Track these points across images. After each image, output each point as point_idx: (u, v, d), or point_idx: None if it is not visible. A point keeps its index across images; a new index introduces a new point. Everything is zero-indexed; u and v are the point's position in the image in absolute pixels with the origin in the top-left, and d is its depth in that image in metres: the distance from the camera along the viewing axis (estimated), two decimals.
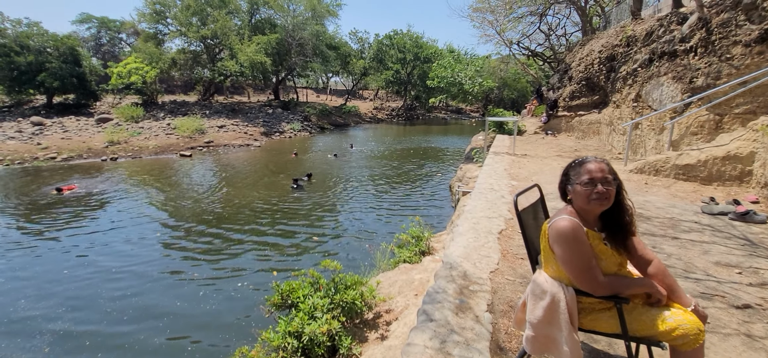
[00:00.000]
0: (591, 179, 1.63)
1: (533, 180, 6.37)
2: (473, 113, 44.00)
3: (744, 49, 6.31)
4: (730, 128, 6.31)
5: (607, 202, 1.64)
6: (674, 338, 1.54)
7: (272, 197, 10.40)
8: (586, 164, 1.68)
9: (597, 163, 1.67)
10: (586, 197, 1.64)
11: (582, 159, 1.72)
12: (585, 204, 1.66)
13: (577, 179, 1.68)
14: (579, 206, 1.70)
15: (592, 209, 1.67)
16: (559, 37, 22.02)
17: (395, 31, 41.15)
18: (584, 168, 1.67)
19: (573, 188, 1.71)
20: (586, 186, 1.64)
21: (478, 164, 9.91)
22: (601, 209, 1.67)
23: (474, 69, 24.62)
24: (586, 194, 1.64)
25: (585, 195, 1.64)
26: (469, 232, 3.73)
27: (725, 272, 3.04)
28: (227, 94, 36.96)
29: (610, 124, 10.57)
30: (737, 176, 5.60)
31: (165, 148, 17.98)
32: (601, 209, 1.67)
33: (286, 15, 30.47)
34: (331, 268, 3.72)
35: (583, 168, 1.68)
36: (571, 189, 1.73)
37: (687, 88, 7.20)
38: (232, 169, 14.43)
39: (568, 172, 1.77)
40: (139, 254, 6.84)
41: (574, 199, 1.71)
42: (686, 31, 7.71)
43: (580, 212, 1.69)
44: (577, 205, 1.70)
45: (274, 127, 24.76)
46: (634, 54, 9.88)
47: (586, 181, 1.64)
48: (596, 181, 1.63)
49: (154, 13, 27.40)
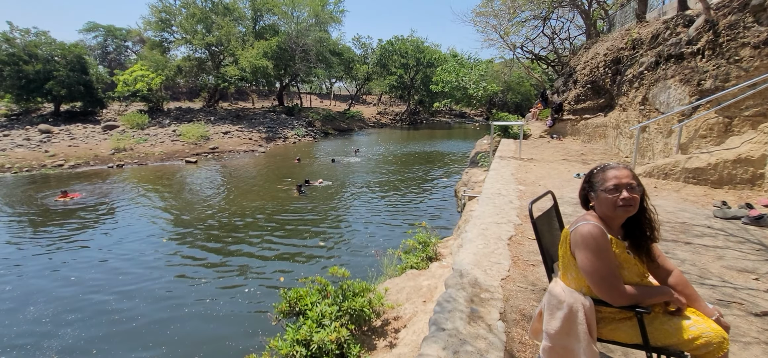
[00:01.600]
0: (616, 186, 1.59)
1: (541, 185, 6.31)
2: (477, 117, 43.92)
3: (753, 51, 6.25)
4: (741, 131, 6.23)
5: (632, 209, 1.60)
6: (697, 347, 1.50)
7: (277, 203, 10.40)
8: (610, 170, 1.64)
9: (621, 169, 1.63)
10: (613, 204, 1.60)
11: (605, 165, 1.69)
12: (611, 211, 1.62)
13: (602, 186, 1.64)
14: (603, 213, 1.66)
15: (618, 216, 1.63)
16: (563, 41, 21.97)
17: (398, 37, 41.27)
18: (609, 175, 1.63)
19: (597, 194, 1.66)
20: (612, 193, 1.60)
21: (484, 169, 9.86)
22: (626, 216, 1.63)
23: (478, 73, 24.60)
24: (613, 201, 1.60)
25: (611, 202, 1.60)
26: (479, 238, 3.70)
27: (741, 278, 2.98)
28: (232, 101, 37.20)
29: (617, 128, 10.49)
30: (749, 180, 5.52)
31: (170, 154, 18.08)
32: (626, 216, 1.63)
33: (290, 21, 30.66)
34: (339, 275, 3.70)
35: (607, 174, 1.64)
36: (594, 196, 1.68)
37: (695, 91, 7.13)
38: (237, 175, 14.47)
39: (590, 179, 1.72)
40: (145, 261, 6.85)
41: (598, 206, 1.67)
42: (693, 34, 7.65)
43: (604, 219, 1.65)
44: (601, 212, 1.66)
45: (278, 133, 24.85)
46: (640, 57, 9.82)
47: (611, 187, 1.60)
48: (621, 187, 1.58)
49: (160, 22, 27.70)
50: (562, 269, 1.77)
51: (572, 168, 7.82)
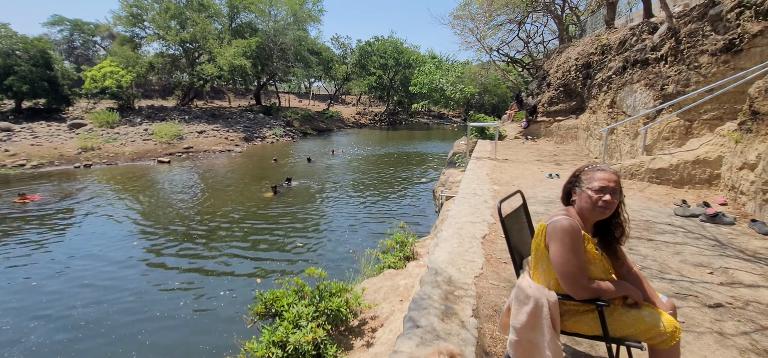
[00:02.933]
0: (602, 187, 1.68)
1: (515, 185, 6.49)
2: (455, 118, 44.54)
3: (711, 58, 6.62)
4: (700, 134, 6.59)
5: (609, 212, 1.70)
6: (652, 337, 1.60)
7: (254, 204, 10.24)
8: (600, 171, 1.72)
9: (610, 173, 1.71)
10: (594, 203, 1.69)
11: (596, 166, 1.77)
12: (590, 208, 1.70)
13: (589, 184, 1.72)
14: (581, 209, 1.74)
15: (594, 215, 1.72)
16: (537, 45, 22.59)
17: (377, 38, 41.36)
18: (598, 175, 1.71)
19: (581, 190, 1.74)
20: (596, 192, 1.68)
21: (461, 169, 10.02)
22: (601, 217, 1.73)
23: (455, 75, 24.97)
24: (595, 200, 1.68)
25: (593, 201, 1.69)
26: (454, 237, 3.77)
27: (698, 272, 3.16)
28: (207, 99, 36.29)
29: (587, 130, 10.88)
30: (706, 179, 5.85)
31: (142, 154, 17.49)
32: (601, 217, 1.73)
33: (268, 19, 30.20)
34: (316, 275, 3.69)
35: (596, 174, 1.72)
36: (578, 192, 1.76)
37: (659, 95, 7.49)
38: (213, 175, 14.15)
39: (579, 175, 1.80)
40: (113, 265, 6.61)
41: (579, 201, 1.75)
42: (657, 41, 8.04)
43: (581, 216, 1.74)
44: (580, 208, 1.74)
45: (255, 133, 24.43)
46: (609, 62, 10.22)
47: (597, 187, 1.68)
48: (606, 189, 1.67)
49: (131, 17, 26.72)
50: (533, 263, 1.84)
51: (545, 169, 8.06)
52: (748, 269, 3.18)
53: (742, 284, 2.95)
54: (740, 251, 3.53)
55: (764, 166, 4.48)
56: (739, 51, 6.24)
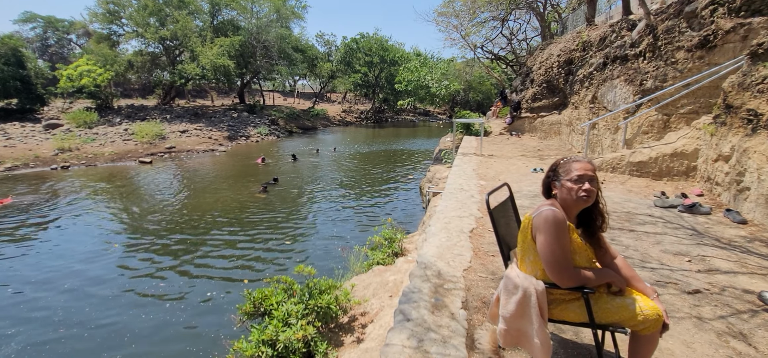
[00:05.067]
0: (580, 177, 1.72)
1: (500, 179, 6.58)
2: (440, 115, 44.80)
3: (686, 54, 6.84)
4: (677, 127, 6.81)
5: (590, 200, 1.75)
6: (636, 323, 1.65)
7: (240, 203, 10.11)
8: (575, 162, 1.77)
9: (585, 162, 1.77)
10: (575, 194, 1.73)
11: (571, 158, 1.82)
12: (572, 200, 1.75)
13: (567, 176, 1.76)
14: (564, 201, 1.78)
15: (577, 205, 1.77)
16: (520, 42, 22.92)
17: (362, 35, 41.21)
18: (574, 166, 1.76)
19: (561, 183, 1.79)
20: (576, 182, 1.73)
21: (447, 165, 10.10)
22: (584, 206, 1.77)
23: (440, 72, 25.11)
24: (575, 190, 1.73)
25: (574, 192, 1.73)
26: (442, 232, 3.81)
27: (676, 260, 3.28)
28: (189, 98, 35.59)
29: (570, 125, 11.10)
30: (684, 172, 6.05)
31: (122, 154, 17.04)
32: (584, 206, 1.77)
33: (250, 17, 29.75)
34: (306, 273, 3.67)
35: (573, 166, 1.77)
36: (558, 185, 1.81)
37: (638, 90, 7.70)
38: (197, 175, 13.90)
39: (556, 169, 1.85)
40: (95, 269, 6.44)
41: (560, 194, 1.80)
42: (635, 37, 8.25)
43: (564, 207, 1.78)
44: (563, 199, 1.79)
45: (239, 132, 24.09)
46: (590, 58, 10.45)
47: (575, 178, 1.73)
48: (584, 178, 1.72)
49: (108, 13, 25.94)
50: (520, 254, 1.88)
51: (530, 163, 8.20)
52: (724, 256, 3.31)
53: (718, 271, 3.07)
54: (716, 240, 3.67)
55: (738, 157, 4.65)
56: (714, 47, 6.46)
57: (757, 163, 4.24)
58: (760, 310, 2.54)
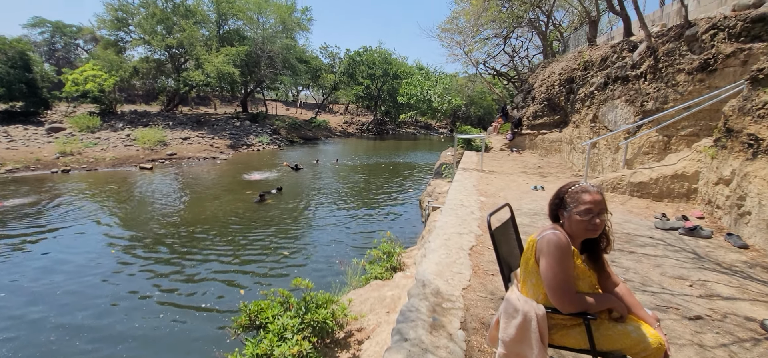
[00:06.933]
0: (589, 210, 1.68)
1: (501, 196, 6.56)
2: (442, 129, 44.95)
3: (687, 77, 6.88)
4: (678, 149, 6.81)
5: (598, 232, 1.72)
6: (638, 351, 1.63)
7: (239, 212, 10.08)
8: (585, 194, 1.71)
9: (595, 193, 1.71)
10: (584, 228, 1.70)
11: (580, 186, 1.75)
12: (581, 233, 1.72)
13: (576, 208, 1.72)
14: (570, 230, 1.75)
15: (584, 236, 1.74)
16: (522, 59, 23.11)
17: (366, 48, 41.63)
18: (584, 198, 1.71)
19: (569, 214, 1.74)
20: (584, 216, 1.69)
21: (448, 180, 10.10)
22: (591, 237, 1.75)
23: (443, 87, 25.29)
24: (584, 224, 1.69)
25: (582, 225, 1.70)
26: (441, 248, 3.78)
27: (678, 284, 3.24)
28: (192, 105, 35.78)
29: (571, 143, 11.12)
30: (685, 193, 6.03)
31: (123, 160, 17.07)
32: (591, 237, 1.75)
33: (256, 27, 30.09)
34: (303, 286, 3.64)
35: (583, 197, 1.71)
36: (566, 214, 1.76)
37: (638, 111, 7.73)
38: (197, 182, 13.89)
39: (563, 197, 1.79)
40: (92, 274, 6.39)
41: (569, 225, 1.75)
42: (636, 59, 8.31)
43: (569, 234, 1.74)
44: (569, 229, 1.75)
45: (241, 140, 24.16)
46: (591, 77, 10.51)
47: (584, 210, 1.69)
48: (594, 212, 1.68)
49: (116, 20, 26.25)
50: (523, 277, 1.85)
51: (530, 181, 8.19)
52: (725, 281, 3.28)
53: (720, 297, 3.04)
54: (717, 264, 3.63)
55: (738, 182, 4.65)
56: (714, 70, 6.50)
57: (757, 188, 4.23)
58: (762, 338, 2.50)
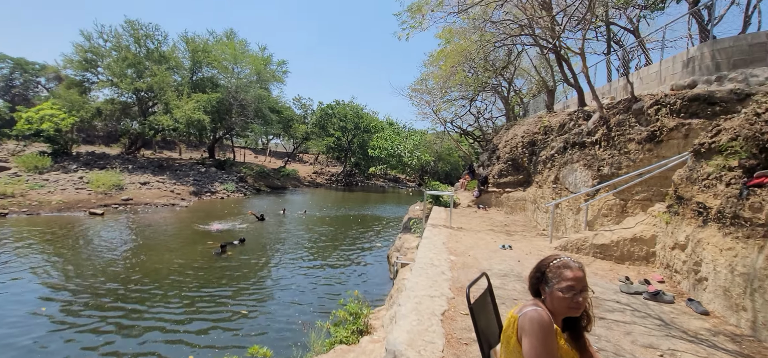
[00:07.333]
0: (571, 288, 1.64)
1: (470, 255, 6.53)
2: (410, 183, 45.64)
3: (637, 146, 7.40)
4: (634, 213, 7.16)
5: (581, 310, 1.67)
6: None
7: (195, 265, 9.42)
8: (567, 270, 1.67)
9: (576, 270, 1.67)
10: (567, 306, 1.64)
11: (562, 262, 1.71)
12: (563, 310, 1.66)
13: (558, 285, 1.66)
14: (552, 306, 1.68)
15: (566, 314, 1.68)
16: (487, 120, 24.39)
17: (338, 102, 42.70)
18: (566, 274, 1.66)
19: (551, 290, 1.68)
20: (567, 293, 1.64)
21: (416, 235, 10.03)
22: (574, 315, 1.68)
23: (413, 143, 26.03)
24: (566, 302, 1.64)
25: (565, 303, 1.64)
26: (412, 313, 3.61)
27: (649, 354, 3.22)
28: (156, 149, 34.52)
29: (535, 202, 11.49)
30: (644, 257, 6.25)
31: (72, 204, 15.86)
32: (574, 315, 1.68)
33: (230, 76, 30.20)
34: (260, 356, 3.32)
35: (564, 273, 1.66)
36: (548, 290, 1.70)
37: (596, 175, 8.16)
38: (152, 231, 13.02)
39: (544, 272, 1.74)
40: (16, 333, 5.60)
41: (551, 301, 1.69)
42: (591, 127, 8.92)
43: (551, 311, 1.68)
44: (551, 306, 1.69)
45: (205, 187, 23.31)
46: (551, 141, 11.14)
47: (565, 288, 1.64)
48: (576, 289, 1.64)
49: (84, 61, 25.49)
50: (504, 355, 1.74)
51: (498, 239, 8.27)
52: (693, 351, 3.30)
53: None
54: (683, 332, 3.68)
55: (693, 247, 4.87)
56: (660, 141, 7.05)
57: (711, 255, 4.44)
58: None
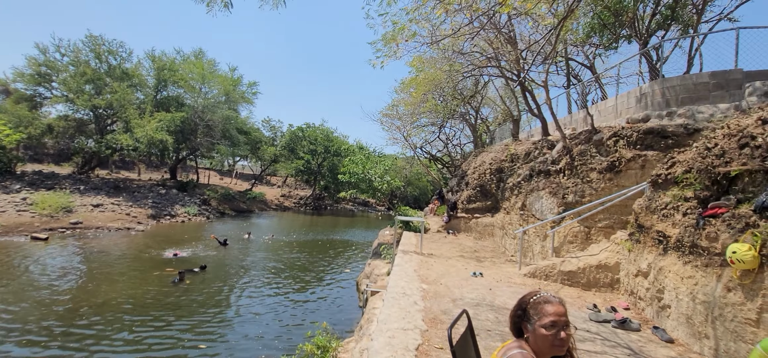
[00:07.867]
0: (554, 323, 1.57)
1: (442, 283, 6.46)
2: (379, 207, 45.55)
3: (599, 175, 7.73)
4: (598, 240, 7.40)
5: (564, 349, 1.60)
6: None
7: (150, 296, 8.75)
8: (548, 305, 1.62)
9: (558, 305, 1.62)
10: (550, 343, 1.57)
11: (542, 297, 1.66)
12: (547, 349, 1.59)
13: (539, 321, 1.60)
14: (535, 345, 1.62)
15: (550, 353, 1.61)
16: (455, 146, 24.98)
17: (308, 124, 42.44)
18: (547, 309, 1.60)
19: (533, 328, 1.62)
20: (549, 329, 1.57)
21: (386, 261, 9.88)
22: (558, 354, 1.62)
23: (383, 168, 26.12)
24: (550, 339, 1.57)
25: (548, 340, 1.57)
26: (385, 349, 3.45)
27: None
28: (112, 169, 32.56)
29: (503, 228, 11.70)
30: (609, 283, 6.43)
31: (11, 228, 14.51)
32: (558, 354, 1.62)
33: (197, 96, 29.26)
34: None
35: (545, 309, 1.61)
36: (530, 328, 1.64)
37: (561, 203, 8.42)
38: (103, 258, 12.07)
39: (525, 308, 1.68)
40: None
41: (534, 340, 1.62)
42: (555, 156, 9.27)
43: (534, 350, 1.61)
44: (534, 344, 1.62)
45: (164, 210, 22.12)
46: (518, 169, 11.47)
47: (548, 324, 1.58)
48: (558, 324, 1.58)
49: (37, 75, 23.80)
50: None
51: (468, 265, 8.28)
52: None
53: None
54: None
55: (655, 275, 5.05)
56: (620, 171, 7.40)
57: (673, 283, 4.60)
58: None
